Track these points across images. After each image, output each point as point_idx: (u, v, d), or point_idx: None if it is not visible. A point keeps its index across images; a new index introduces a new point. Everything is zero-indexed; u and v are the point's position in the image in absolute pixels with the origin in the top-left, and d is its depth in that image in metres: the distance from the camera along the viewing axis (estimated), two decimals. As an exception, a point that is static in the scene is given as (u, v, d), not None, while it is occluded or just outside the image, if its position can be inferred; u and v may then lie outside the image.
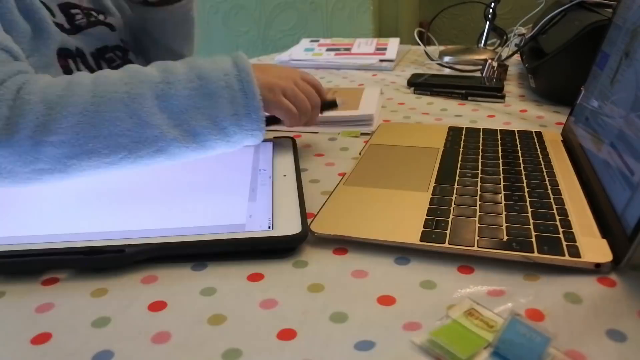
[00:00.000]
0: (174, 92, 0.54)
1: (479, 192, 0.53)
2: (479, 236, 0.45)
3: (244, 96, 0.56)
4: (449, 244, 0.45)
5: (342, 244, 0.47)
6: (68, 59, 0.72)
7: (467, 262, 0.44)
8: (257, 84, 0.56)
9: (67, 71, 0.70)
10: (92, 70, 0.77)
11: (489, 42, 1.21)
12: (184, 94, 0.54)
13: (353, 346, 0.35)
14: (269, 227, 0.47)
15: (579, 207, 0.50)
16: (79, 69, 0.73)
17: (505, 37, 1.16)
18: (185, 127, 0.54)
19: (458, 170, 0.59)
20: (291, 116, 0.62)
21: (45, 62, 0.67)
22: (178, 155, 0.55)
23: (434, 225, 0.47)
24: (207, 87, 0.55)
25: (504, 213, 0.49)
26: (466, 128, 0.73)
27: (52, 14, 0.72)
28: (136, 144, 0.52)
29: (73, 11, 0.76)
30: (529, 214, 0.49)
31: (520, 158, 0.62)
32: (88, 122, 0.51)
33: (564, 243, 0.44)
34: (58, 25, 0.71)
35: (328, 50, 1.27)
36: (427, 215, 0.49)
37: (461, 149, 0.65)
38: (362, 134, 0.76)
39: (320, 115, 0.68)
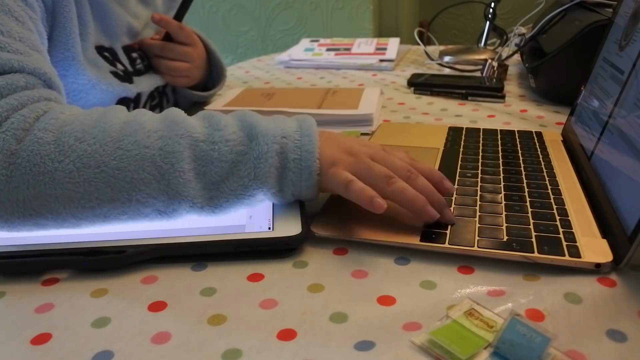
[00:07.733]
0: (217, 155, 0.45)
1: (479, 192, 0.53)
2: (479, 236, 0.45)
3: (299, 170, 0.47)
4: (449, 244, 0.45)
5: (342, 244, 0.47)
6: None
7: (467, 262, 0.44)
8: (318, 152, 0.47)
9: None
10: None
11: (489, 42, 1.21)
12: (228, 159, 0.46)
13: (353, 346, 0.35)
14: (269, 228, 0.47)
15: (579, 207, 0.50)
16: None
17: (505, 37, 1.16)
18: (214, 194, 0.46)
19: (458, 170, 0.59)
20: (367, 199, 0.46)
21: None
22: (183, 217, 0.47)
23: (434, 225, 0.47)
24: (255, 149, 0.46)
25: (504, 213, 0.49)
26: (466, 128, 0.73)
27: (115, 61, 0.71)
28: (160, 214, 0.45)
29: (134, 55, 0.76)
30: (529, 214, 0.49)
31: (521, 158, 0.62)
32: (105, 181, 0.43)
33: (564, 243, 0.44)
34: (118, 75, 0.70)
35: (328, 50, 1.27)
36: (427, 215, 0.49)
37: (461, 149, 0.65)
38: (362, 134, 0.76)
39: (318, 115, 0.66)
